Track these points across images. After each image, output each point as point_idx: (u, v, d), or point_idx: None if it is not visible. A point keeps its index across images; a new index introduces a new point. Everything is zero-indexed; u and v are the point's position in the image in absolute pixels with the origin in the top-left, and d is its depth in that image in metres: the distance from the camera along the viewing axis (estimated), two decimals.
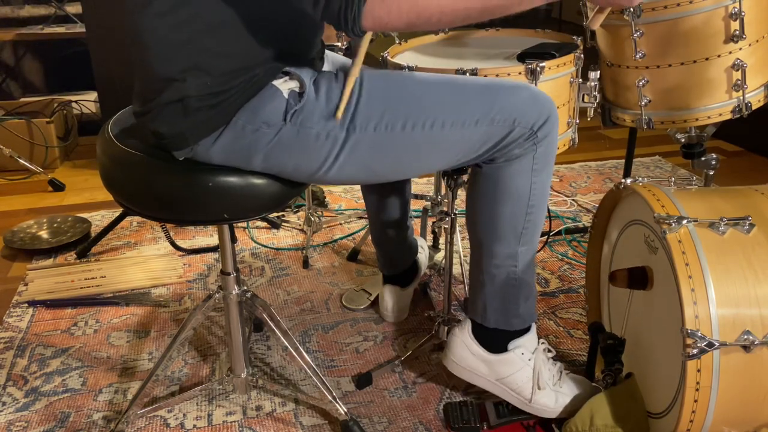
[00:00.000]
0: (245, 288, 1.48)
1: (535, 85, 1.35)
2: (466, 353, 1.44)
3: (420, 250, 1.97)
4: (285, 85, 1.18)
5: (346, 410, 1.44)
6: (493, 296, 1.39)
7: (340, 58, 1.55)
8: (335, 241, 2.31)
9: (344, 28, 1.04)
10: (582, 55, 1.46)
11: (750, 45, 1.45)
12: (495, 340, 1.42)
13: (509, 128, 1.22)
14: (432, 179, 2.70)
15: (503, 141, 1.23)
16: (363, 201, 1.98)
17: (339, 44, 2.04)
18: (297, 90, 1.18)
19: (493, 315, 1.40)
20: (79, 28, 3.33)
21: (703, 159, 1.72)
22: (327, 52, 1.55)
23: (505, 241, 1.34)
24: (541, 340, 1.46)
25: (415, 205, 2.43)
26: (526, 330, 1.43)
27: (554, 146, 1.29)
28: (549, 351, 1.47)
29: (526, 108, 1.22)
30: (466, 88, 1.23)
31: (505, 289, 1.38)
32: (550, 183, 1.34)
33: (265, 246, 2.29)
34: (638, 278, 1.35)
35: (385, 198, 1.72)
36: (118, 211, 2.37)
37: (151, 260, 2.20)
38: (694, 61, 1.46)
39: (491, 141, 1.23)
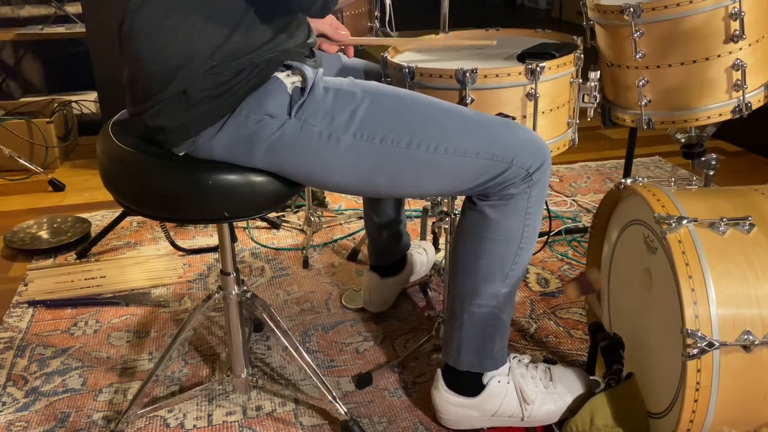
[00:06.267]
0: (245, 288, 1.48)
1: (535, 85, 1.35)
2: (451, 408, 1.43)
3: (421, 251, 1.98)
4: (288, 79, 1.20)
5: (346, 410, 1.44)
6: (470, 336, 1.38)
7: (338, 56, 1.56)
8: (335, 241, 2.31)
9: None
10: (582, 55, 1.45)
11: (750, 45, 1.45)
12: (470, 383, 1.42)
13: (506, 166, 1.25)
14: None
15: (498, 177, 1.26)
16: (362, 200, 1.98)
17: None
18: (300, 85, 1.19)
19: (467, 356, 1.39)
20: (79, 28, 3.33)
21: (703, 159, 1.72)
22: (324, 53, 1.56)
23: (491, 281, 1.34)
24: (512, 355, 1.46)
25: (415, 205, 2.44)
26: None
27: (546, 191, 1.33)
28: (523, 359, 1.47)
29: (524, 150, 1.26)
30: (471, 120, 1.26)
31: (484, 329, 1.38)
32: (539, 227, 1.35)
33: (265, 246, 2.29)
34: (584, 285, 1.36)
35: None
36: (118, 211, 2.37)
37: (151, 260, 2.20)
38: (694, 61, 1.46)
39: (487, 175, 1.26)
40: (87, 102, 3.47)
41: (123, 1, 1.18)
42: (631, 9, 1.43)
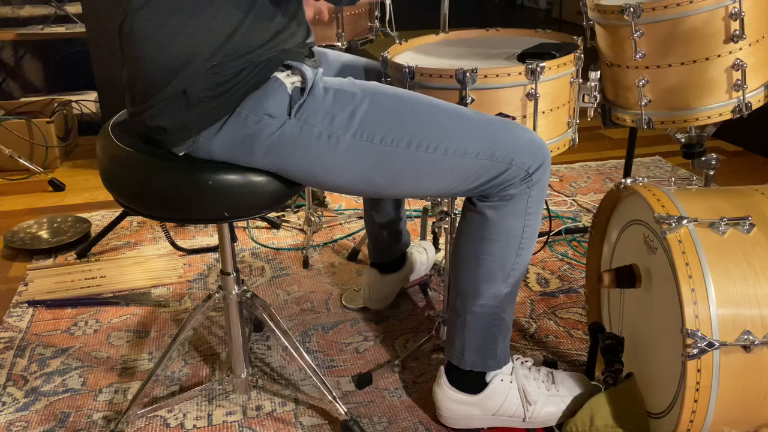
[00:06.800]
0: (245, 288, 1.48)
1: (536, 85, 1.35)
2: (453, 405, 1.43)
3: (421, 250, 1.98)
4: (288, 80, 1.19)
5: (346, 410, 1.44)
6: (473, 336, 1.38)
7: (332, 54, 1.56)
8: (335, 241, 2.31)
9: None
10: (582, 55, 1.45)
11: (750, 45, 1.45)
12: (473, 380, 1.42)
13: (506, 167, 1.25)
14: None
15: (498, 178, 1.26)
16: (362, 200, 1.98)
17: (339, 44, 2.05)
18: (299, 86, 1.19)
19: (471, 356, 1.40)
20: (79, 28, 3.33)
21: (703, 159, 1.72)
22: (325, 50, 1.56)
23: (493, 281, 1.34)
24: (516, 356, 1.46)
25: (415, 205, 2.44)
26: None
27: (546, 191, 1.33)
28: (527, 361, 1.47)
29: (524, 150, 1.26)
30: (471, 120, 1.26)
31: (486, 329, 1.38)
32: (540, 227, 1.35)
33: (265, 246, 2.29)
34: (626, 277, 1.35)
35: None
36: (118, 211, 2.37)
37: (151, 260, 2.20)
38: (694, 61, 1.46)
39: (487, 176, 1.26)
40: (87, 102, 3.47)
41: (123, 2, 1.18)
42: (631, 9, 1.43)
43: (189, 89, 1.15)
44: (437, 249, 2.08)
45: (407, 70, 1.36)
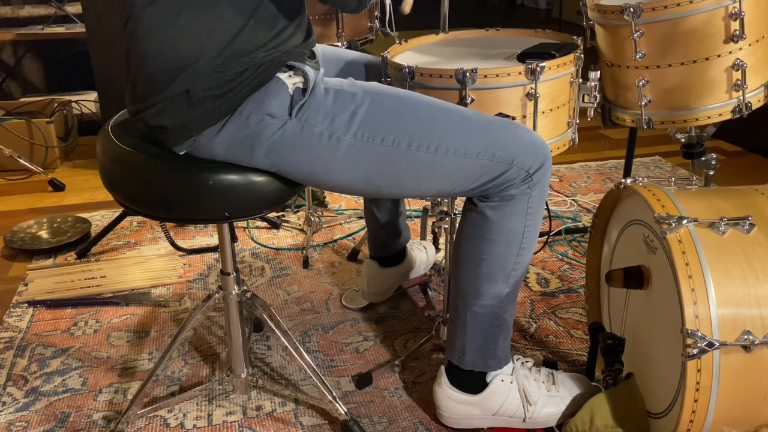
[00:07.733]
0: (245, 288, 1.48)
1: (535, 85, 1.35)
2: (453, 405, 1.43)
3: (421, 249, 1.98)
4: (290, 80, 1.20)
5: (346, 410, 1.44)
6: (474, 336, 1.38)
7: (332, 50, 1.55)
8: (335, 241, 2.31)
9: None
10: (582, 55, 1.45)
11: (750, 45, 1.45)
12: (474, 380, 1.42)
13: (507, 167, 1.25)
14: None
15: (499, 178, 1.26)
16: (363, 201, 1.99)
17: (339, 44, 2.05)
18: (301, 86, 1.19)
19: (471, 356, 1.40)
20: (79, 28, 3.33)
21: (703, 159, 1.72)
22: (324, 46, 1.56)
23: (493, 282, 1.34)
24: (516, 356, 1.46)
25: (415, 205, 2.44)
26: None
27: (547, 191, 1.33)
28: (527, 362, 1.47)
29: (525, 151, 1.26)
30: (472, 120, 1.26)
31: (487, 329, 1.38)
32: (540, 227, 1.35)
33: (265, 246, 2.29)
34: (634, 278, 1.35)
35: None
36: (118, 211, 2.38)
37: (151, 260, 2.20)
38: (694, 61, 1.46)
39: (488, 176, 1.26)
40: (87, 102, 3.47)
41: (126, 0, 1.18)
42: (631, 9, 1.43)
43: (192, 88, 1.15)
44: (437, 249, 2.08)
45: (407, 70, 1.36)
